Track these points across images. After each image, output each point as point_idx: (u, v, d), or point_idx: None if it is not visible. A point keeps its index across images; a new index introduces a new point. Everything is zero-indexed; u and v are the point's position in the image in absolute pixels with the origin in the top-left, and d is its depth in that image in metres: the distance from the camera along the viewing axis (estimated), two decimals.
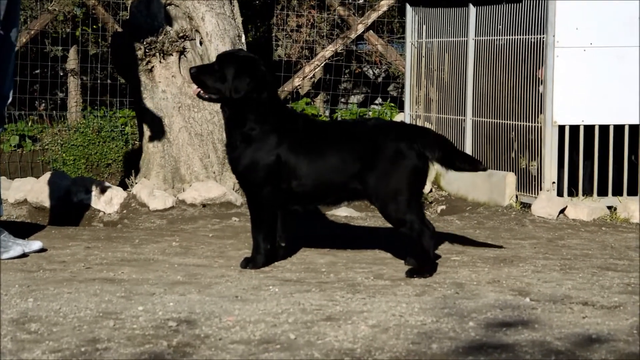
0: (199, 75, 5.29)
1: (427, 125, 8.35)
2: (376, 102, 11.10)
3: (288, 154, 5.17)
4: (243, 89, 5.17)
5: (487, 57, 7.78)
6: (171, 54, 7.49)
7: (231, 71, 5.18)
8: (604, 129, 7.35)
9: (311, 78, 10.66)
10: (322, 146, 5.20)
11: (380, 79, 11.13)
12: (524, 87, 7.44)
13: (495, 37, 7.70)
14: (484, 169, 5.40)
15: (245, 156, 5.21)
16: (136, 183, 7.47)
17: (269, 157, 5.18)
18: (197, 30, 7.59)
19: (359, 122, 5.41)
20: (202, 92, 5.28)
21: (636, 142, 7.36)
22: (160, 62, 7.50)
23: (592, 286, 4.90)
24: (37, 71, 10.11)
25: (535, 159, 7.36)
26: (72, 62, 10.05)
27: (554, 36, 7.17)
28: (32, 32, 9.67)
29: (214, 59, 7.44)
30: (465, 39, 7.97)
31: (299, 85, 10.47)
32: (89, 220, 7.10)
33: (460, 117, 8.09)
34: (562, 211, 7.11)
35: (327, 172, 5.17)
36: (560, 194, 7.29)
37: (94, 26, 10.03)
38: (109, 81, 10.01)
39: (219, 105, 5.38)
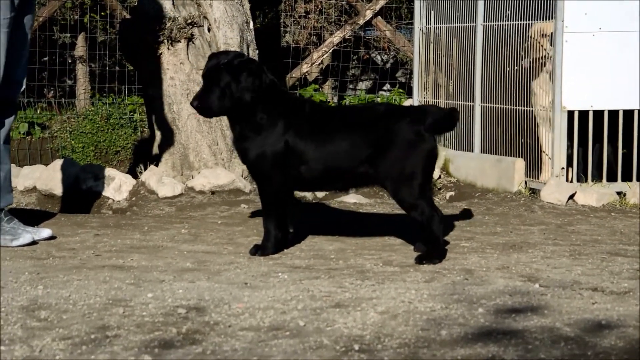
0: (203, 104, 5.19)
1: None
2: (384, 88, 11.08)
3: (296, 140, 5.17)
4: (246, 94, 5.14)
5: (495, 42, 7.75)
6: (179, 41, 7.49)
7: (226, 79, 5.14)
8: (613, 114, 7.33)
9: (319, 64, 10.64)
10: (331, 131, 5.19)
11: (388, 65, 11.11)
12: (532, 72, 7.42)
13: (504, 23, 7.67)
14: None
15: (253, 146, 5.20)
16: (145, 170, 7.48)
17: (277, 144, 5.17)
18: (205, 17, 7.58)
19: (368, 107, 5.41)
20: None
21: None
22: (168, 49, 7.49)
23: (601, 272, 4.90)
24: (46, 58, 10.11)
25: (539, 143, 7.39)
26: (80, 49, 10.05)
27: (562, 21, 7.15)
28: (41, 19, 9.67)
29: (221, 46, 7.48)
30: (474, 24, 7.94)
31: (307, 71, 10.45)
32: (98, 208, 7.11)
33: (469, 103, 8.07)
34: (571, 197, 7.09)
35: (336, 156, 5.17)
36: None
37: (102, 13, 10.02)
38: (117, 68, 10.02)
39: None
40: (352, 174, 5.21)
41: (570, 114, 7.25)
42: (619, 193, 7.21)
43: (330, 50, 10.46)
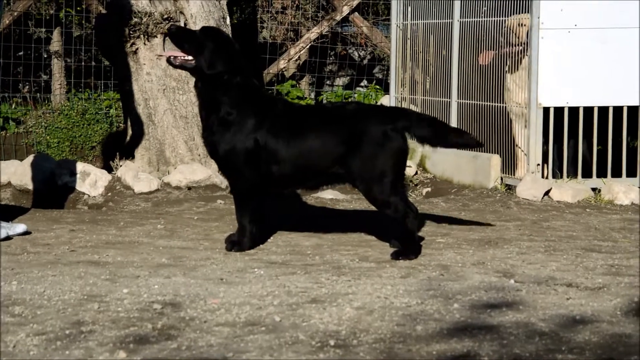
0: (179, 35, 5.29)
1: (412, 107, 8.35)
2: (362, 84, 11.08)
3: (267, 138, 5.16)
4: (218, 66, 5.15)
5: (472, 38, 7.77)
6: (155, 36, 7.46)
7: (211, 45, 5.18)
8: (588, 110, 7.36)
9: (296, 60, 10.63)
10: (302, 130, 5.19)
11: (365, 61, 11.11)
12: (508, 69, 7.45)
13: (481, 19, 7.69)
14: (478, 144, 5.43)
15: (223, 141, 5.19)
16: (121, 166, 7.45)
17: (247, 141, 5.17)
18: (181, 12, 7.56)
19: (339, 106, 5.41)
20: (172, 58, 5.26)
21: (620, 123, 7.38)
22: (144, 44, 7.47)
23: (576, 268, 4.92)
24: (21, 53, 10.04)
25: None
26: (56, 44, 9.98)
27: (538, 18, 7.17)
28: (16, 14, 9.61)
29: None
30: (451, 20, 7.96)
31: (284, 67, 10.44)
32: (73, 203, 7.08)
33: (446, 100, 8.08)
34: (546, 193, 7.12)
35: (307, 155, 5.17)
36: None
37: (78, 8, 9.96)
38: (93, 63, 9.97)
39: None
40: (323, 173, 5.22)
41: (546, 110, 7.27)
42: (594, 189, 7.24)
43: (308, 46, 10.45)
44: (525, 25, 7.26)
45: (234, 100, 5.19)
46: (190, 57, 5.21)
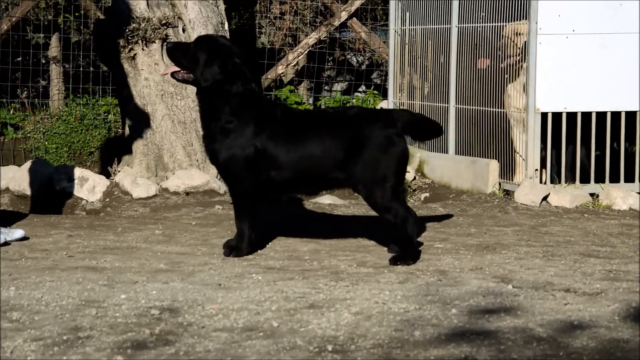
0: (175, 51, 5.32)
1: None
2: (360, 89, 11.09)
3: (267, 144, 5.16)
4: (211, 77, 5.16)
5: (470, 44, 7.78)
6: (154, 42, 7.47)
7: (204, 57, 5.18)
8: (586, 116, 7.37)
9: (295, 66, 10.64)
10: (302, 135, 5.19)
11: (363, 67, 11.12)
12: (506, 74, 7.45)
13: (479, 25, 7.70)
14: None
15: (224, 148, 5.19)
16: (119, 171, 7.45)
17: (248, 147, 5.17)
18: (179, 18, 7.56)
19: (339, 111, 5.41)
20: (174, 72, 5.28)
21: (618, 129, 7.39)
22: (142, 49, 7.47)
23: (574, 273, 4.92)
24: (19, 59, 10.05)
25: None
26: (54, 50, 9.99)
27: (536, 23, 7.18)
28: (14, 19, 9.61)
29: None
30: (449, 26, 7.97)
31: (282, 73, 10.45)
32: (71, 209, 7.08)
33: (444, 105, 8.09)
34: (544, 198, 7.13)
35: (307, 160, 5.17)
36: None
37: (77, 13, 9.97)
38: (91, 69, 9.97)
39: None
40: (324, 178, 5.22)
41: (544, 115, 7.28)
42: (592, 194, 7.25)
43: (306, 52, 10.46)
44: (522, 34, 7.27)
45: (233, 108, 5.19)
46: (188, 76, 5.24)
